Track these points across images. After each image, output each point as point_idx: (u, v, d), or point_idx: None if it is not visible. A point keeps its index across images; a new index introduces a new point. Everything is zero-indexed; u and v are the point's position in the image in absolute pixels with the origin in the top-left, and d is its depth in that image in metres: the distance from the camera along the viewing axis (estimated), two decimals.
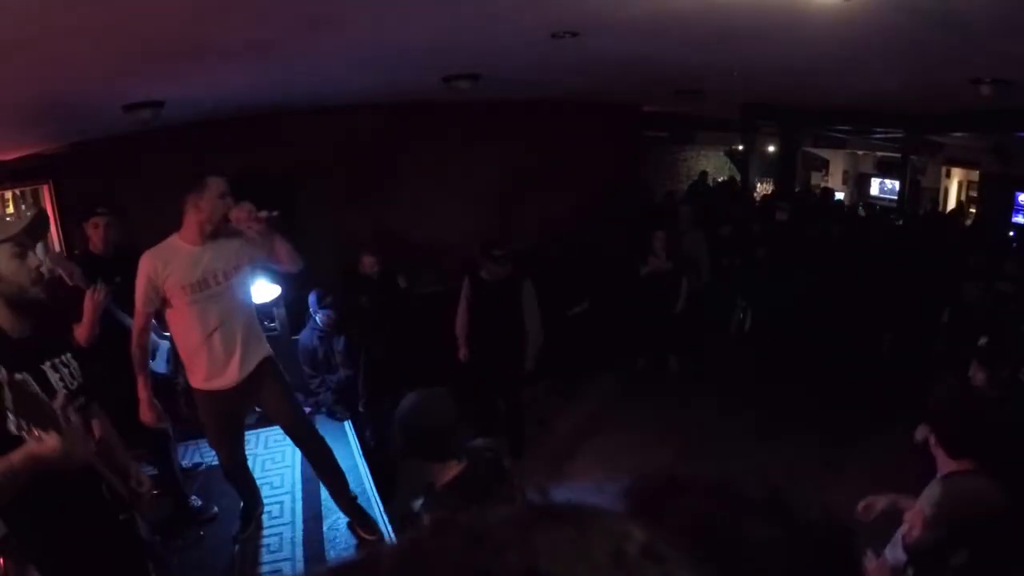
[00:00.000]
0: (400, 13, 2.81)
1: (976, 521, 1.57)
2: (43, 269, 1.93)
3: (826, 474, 4.44)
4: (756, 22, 3.02)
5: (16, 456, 1.63)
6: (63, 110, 3.71)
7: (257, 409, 3.69)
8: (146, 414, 2.97)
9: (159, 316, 3.05)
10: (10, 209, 5.08)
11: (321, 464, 3.39)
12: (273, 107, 5.43)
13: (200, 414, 3.16)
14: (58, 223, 5.41)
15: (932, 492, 1.75)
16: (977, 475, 1.84)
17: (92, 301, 3.14)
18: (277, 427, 3.78)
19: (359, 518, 3.46)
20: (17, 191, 5.16)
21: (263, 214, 2.83)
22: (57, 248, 5.43)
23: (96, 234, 3.46)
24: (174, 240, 2.92)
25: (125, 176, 5.01)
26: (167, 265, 2.85)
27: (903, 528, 1.92)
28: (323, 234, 5.58)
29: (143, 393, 2.96)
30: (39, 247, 1.96)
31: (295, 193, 5.63)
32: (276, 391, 3.21)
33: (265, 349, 3.18)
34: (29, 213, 1.78)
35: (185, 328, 2.97)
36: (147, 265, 2.85)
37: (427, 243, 6.42)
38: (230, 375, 3.02)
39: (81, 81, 3.14)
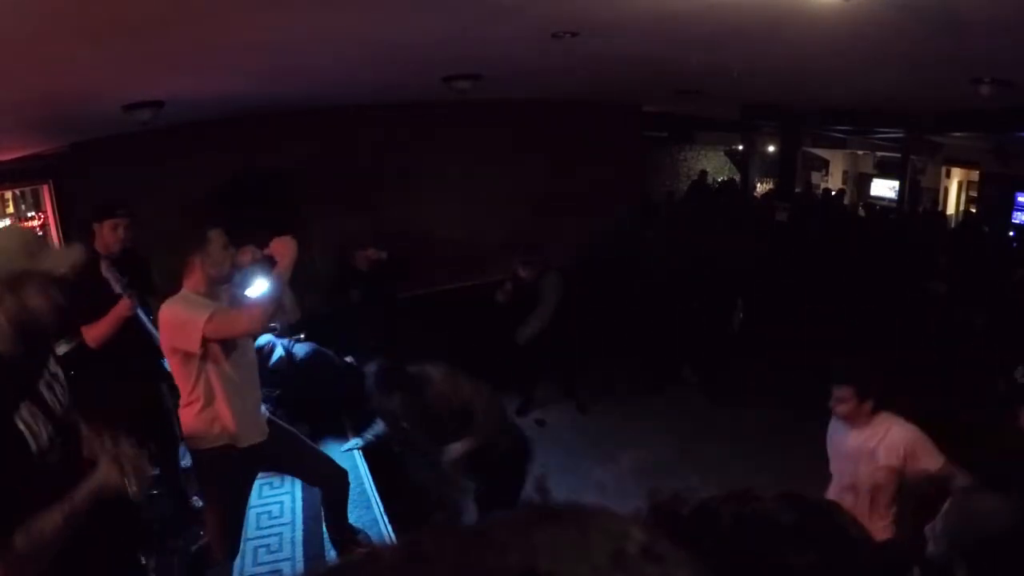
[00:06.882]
0: (400, 13, 2.81)
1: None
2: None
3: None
4: (756, 22, 3.02)
5: (79, 496, 1.58)
6: (63, 110, 3.71)
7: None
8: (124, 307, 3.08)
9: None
10: (10, 209, 5.08)
11: (332, 497, 3.27)
12: (273, 107, 5.42)
13: (216, 487, 2.84)
14: (58, 223, 5.41)
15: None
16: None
17: (124, 309, 3.14)
18: None
19: (350, 535, 3.36)
20: (17, 191, 5.17)
21: (267, 252, 2.71)
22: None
23: (113, 235, 3.33)
24: (190, 295, 2.66)
25: (125, 176, 5.00)
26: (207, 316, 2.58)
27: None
28: (322, 235, 5.57)
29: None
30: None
31: (296, 193, 5.62)
32: (291, 438, 3.08)
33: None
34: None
35: (219, 380, 2.69)
36: (195, 319, 2.53)
37: (425, 245, 6.41)
38: (262, 426, 2.85)
39: (81, 81, 3.14)
